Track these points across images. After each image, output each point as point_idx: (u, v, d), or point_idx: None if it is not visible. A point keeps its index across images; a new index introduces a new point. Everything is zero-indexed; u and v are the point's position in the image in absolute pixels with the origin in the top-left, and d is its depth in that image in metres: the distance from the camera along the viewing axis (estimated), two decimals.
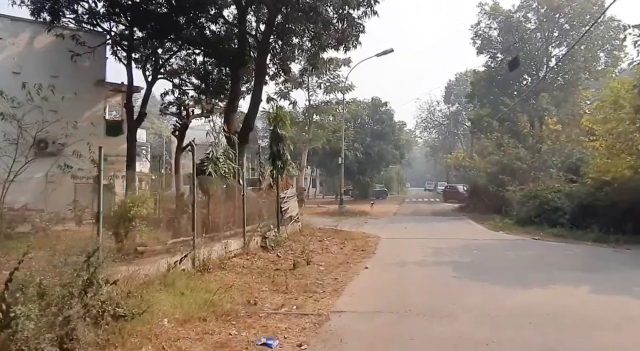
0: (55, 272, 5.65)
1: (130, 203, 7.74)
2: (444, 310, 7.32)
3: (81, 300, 5.12)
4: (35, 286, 4.77)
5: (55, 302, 4.76)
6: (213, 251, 10.48)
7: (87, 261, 5.55)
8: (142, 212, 7.83)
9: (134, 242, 8.12)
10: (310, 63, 21.38)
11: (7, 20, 20.62)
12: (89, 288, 5.58)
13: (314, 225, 19.94)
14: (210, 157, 11.42)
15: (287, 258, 12.43)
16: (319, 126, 38.90)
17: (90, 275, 5.67)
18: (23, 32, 20.96)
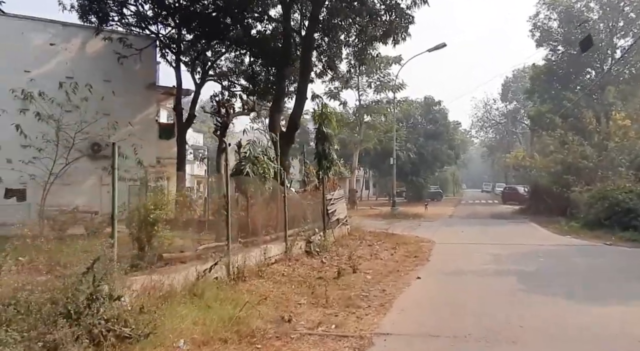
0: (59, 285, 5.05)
1: (151, 206, 7.08)
2: (510, 333, 6.09)
3: (77, 318, 4.42)
4: (24, 304, 4.12)
5: (43, 322, 4.07)
6: (250, 257, 9.72)
7: (87, 273, 4.86)
8: (163, 216, 7.14)
9: (158, 249, 7.46)
10: (358, 59, 20.36)
11: (58, 26, 21.01)
12: (93, 303, 4.89)
13: (364, 228, 18.89)
14: (247, 156, 10.72)
15: (332, 265, 11.49)
16: (370, 126, 37.73)
17: (93, 288, 5.00)
18: (75, 37, 21.31)
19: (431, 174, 52.01)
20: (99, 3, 19.06)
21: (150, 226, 7.13)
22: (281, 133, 17.50)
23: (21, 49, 19.92)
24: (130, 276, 6.73)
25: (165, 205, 7.27)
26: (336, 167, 16.20)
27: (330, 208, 14.81)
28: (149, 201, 7.23)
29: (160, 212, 7.13)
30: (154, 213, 7.04)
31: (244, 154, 10.82)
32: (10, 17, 20.46)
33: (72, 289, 4.85)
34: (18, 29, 20.15)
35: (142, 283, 6.73)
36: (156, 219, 7.08)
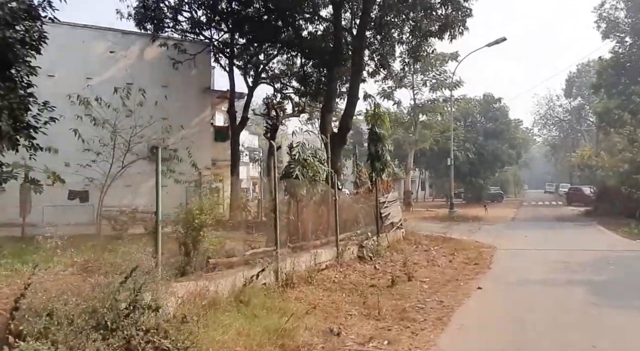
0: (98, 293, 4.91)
1: (197, 211, 6.90)
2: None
3: (115, 329, 4.24)
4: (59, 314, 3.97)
5: (78, 334, 3.90)
6: (300, 262, 9.40)
7: (124, 281, 4.68)
8: (209, 220, 6.94)
9: (205, 253, 7.28)
10: (412, 56, 19.65)
11: (118, 34, 21.80)
12: (132, 313, 4.70)
13: (419, 232, 18.13)
14: (296, 159, 10.41)
15: (385, 272, 10.95)
16: (425, 126, 36.61)
17: (133, 297, 4.82)
18: (133, 44, 22.05)
19: (491, 175, 49.77)
20: (154, 10, 19.56)
21: (195, 231, 6.95)
22: (332, 135, 17.15)
23: (83, 57, 20.82)
24: (175, 282, 6.60)
25: (211, 209, 7.06)
26: (389, 169, 15.60)
27: (384, 212, 14.26)
28: (194, 205, 7.05)
29: (205, 216, 6.92)
30: (199, 218, 6.86)
31: (293, 157, 10.54)
32: (72, 26, 21.47)
33: (109, 298, 4.70)
34: (80, 38, 21.06)
35: (187, 289, 6.56)
36: (202, 224, 6.89)
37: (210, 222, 7.06)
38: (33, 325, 3.67)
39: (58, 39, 20.72)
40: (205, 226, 7.01)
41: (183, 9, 20.79)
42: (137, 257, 5.58)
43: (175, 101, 22.87)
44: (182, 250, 7.19)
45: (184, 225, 7.01)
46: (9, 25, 9.43)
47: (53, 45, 20.61)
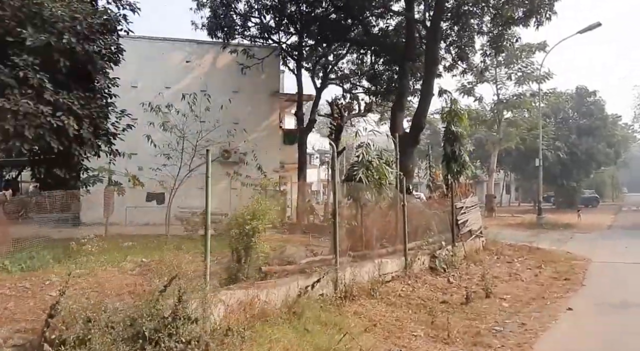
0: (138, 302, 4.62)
1: (248, 216, 6.46)
2: None
3: (154, 340, 3.91)
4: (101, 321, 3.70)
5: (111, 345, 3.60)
6: (362, 273, 8.71)
7: (163, 290, 4.33)
8: (262, 226, 6.48)
9: (258, 260, 6.85)
10: (494, 47, 18.07)
11: (193, 44, 22.57)
12: (171, 324, 4.35)
13: (502, 241, 16.60)
14: (360, 160, 9.73)
15: (460, 286, 9.92)
16: (510, 124, 34.07)
17: (174, 307, 4.46)
18: (207, 53, 22.67)
19: (585, 176, 45.42)
20: (224, 19, 19.83)
21: (247, 236, 6.52)
22: (404, 134, 16.23)
23: (162, 68, 21.77)
24: (225, 289, 6.23)
25: (264, 213, 6.59)
26: (467, 170, 14.36)
27: (461, 218, 13.10)
28: (245, 210, 6.63)
29: (257, 221, 6.48)
30: (249, 223, 6.42)
31: (356, 158, 9.87)
32: (153, 39, 22.54)
33: (149, 306, 4.38)
34: (159, 50, 22.07)
35: (236, 298, 6.16)
36: (253, 229, 6.45)
37: (263, 227, 6.59)
38: (70, 332, 3.41)
39: (140, 52, 22.03)
40: (257, 232, 6.57)
41: (252, 15, 20.93)
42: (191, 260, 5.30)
43: (245, 106, 23.21)
44: (234, 256, 6.82)
45: (235, 230, 6.61)
46: (88, 39, 9.88)
47: (136, 58, 21.87)
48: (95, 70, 10.19)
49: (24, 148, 8.13)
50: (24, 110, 7.64)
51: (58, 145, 8.60)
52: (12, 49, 8.11)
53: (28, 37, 8.05)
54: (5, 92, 7.71)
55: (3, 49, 8.24)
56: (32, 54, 8.12)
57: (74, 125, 8.62)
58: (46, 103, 8.19)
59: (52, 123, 8.19)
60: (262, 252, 6.70)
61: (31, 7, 8.55)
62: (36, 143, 8.43)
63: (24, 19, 8.42)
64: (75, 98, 9.00)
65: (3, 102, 7.56)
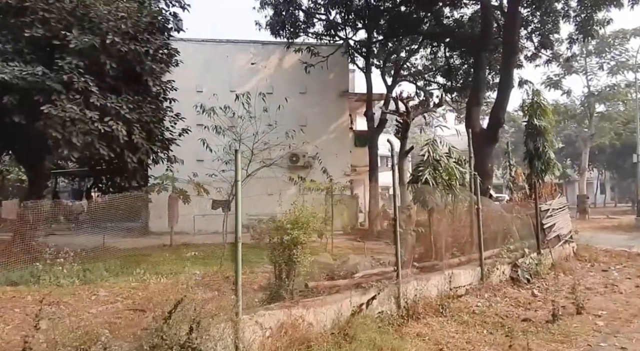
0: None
1: (288, 225, 5.72)
2: None
3: None
4: None
5: None
6: (430, 286, 7.67)
7: (168, 317, 3.69)
8: (303, 237, 5.70)
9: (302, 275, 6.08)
10: (581, 31, 15.97)
11: (258, 45, 22.46)
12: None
13: (596, 246, 14.56)
14: (426, 160, 8.66)
15: (546, 299, 8.52)
16: (604, 118, 30.68)
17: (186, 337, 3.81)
18: (272, 54, 22.48)
19: None
20: (287, 16, 19.42)
21: (287, 249, 5.79)
22: (480, 131, 14.80)
23: (227, 71, 21.85)
24: (264, 309, 5.54)
25: (307, 222, 5.82)
26: (554, 169, 12.66)
27: (547, 222, 11.51)
28: (285, 219, 5.89)
29: (299, 231, 5.72)
30: (290, 234, 5.68)
31: (421, 158, 8.83)
32: (217, 42, 22.74)
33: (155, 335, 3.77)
34: (224, 53, 22.21)
35: (278, 320, 5.45)
36: (294, 241, 5.70)
37: (305, 237, 5.81)
38: None
39: (205, 56, 22.33)
40: (299, 243, 5.81)
41: (317, 12, 20.32)
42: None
43: (312, 107, 22.71)
44: (275, 270, 6.12)
45: (276, 241, 5.91)
46: (135, 39, 9.66)
47: (201, 62, 22.20)
48: (144, 71, 9.95)
49: (73, 156, 8.02)
50: (70, 116, 7.52)
51: (108, 152, 8.42)
52: (59, 52, 8.05)
53: (72, 39, 7.95)
54: (52, 98, 7.65)
55: (50, 53, 8.22)
56: (77, 57, 8.01)
57: (123, 131, 8.39)
58: (94, 108, 8.03)
59: (100, 128, 8.02)
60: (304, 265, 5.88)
61: (79, 9, 8.46)
62: (86, 150, 8.30)
63: (72, 22, 8.36)
64: (124, 102, 8.79)
65: (49, 108, 7.49)
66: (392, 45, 21.77)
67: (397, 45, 21.80)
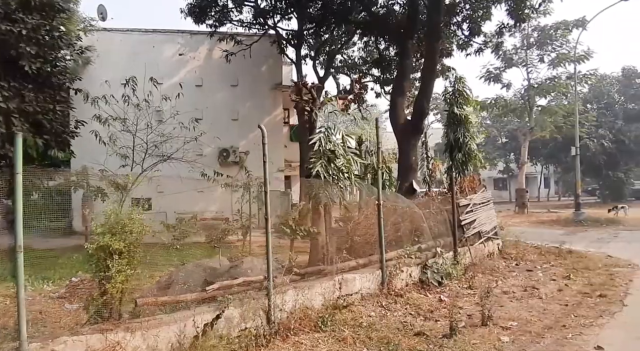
0: None
1: (100, 230, 4.51)
2: None
3: None
4: None
5: None
6: (313, 295, 6.62)
7: None
8: (118, 245, 4.48)
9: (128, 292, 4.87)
10: (513, 16, 15.34)
11: (187, 35, 21.02)
12: None
13: (528, 242, 14.02)
14: (317, 150, 7.62)
15: (455, 305, 7.64)
16: (545, 111, 30.76)
17: None
18: (202, 45, 21.08)
19: (635, 166, 41.06)
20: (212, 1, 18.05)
21: (101, 259, 4.56)
22: (405, 122, 13.97)
23: (154, 62, 20.26)
24: (69, 336, 4.32)
25: (124, 227, 4.61)
26: (476, 161, 11.92)
27: (466, 218, 10.72)
28: (101, 224, 4.65)
29: (112, 238, 4.50)
30: (103, 240, 4.45)
31: (312, 147, 7.77)
32: (143, 32, 21.14)
33: None
34: (149, 43, 20.62)
35: (88, 347, 4.28)
36: (106, 249, 4.48)
37: (123, 245, 4.60)
38: None
39: (131, 46, 20.72)
40: (119, 252, 4.59)
41: None
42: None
43: (245, 100, 21.49)
44: (98, 286, 4.87)
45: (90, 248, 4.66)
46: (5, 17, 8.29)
47: (126, 52, 20.57)
48: (22, 55, 8.52)
49: None
50: None
51: None
52: None
53: None
54: None
55: None
56: None
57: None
58: None
59: None
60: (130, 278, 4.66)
61: None
62: None
63: None
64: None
65: None
66: (325, 36, 20.78)
67: (330, 36, 20.83)
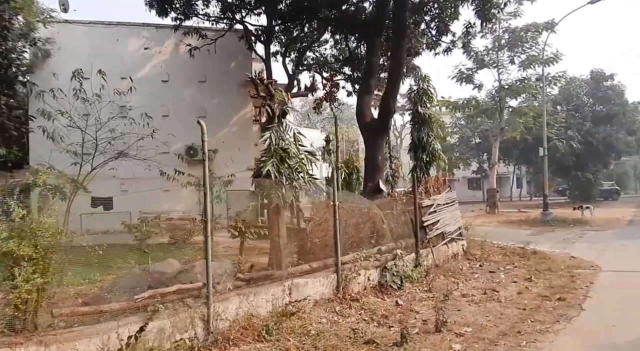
0: None
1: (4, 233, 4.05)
2: None
3: None
4: None
5: None
6: (259, 302, 6.25)
7: None
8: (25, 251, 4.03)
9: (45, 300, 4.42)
10: (480, 15, 15.24)
11: (152, 29, 20.35)
12: None
13: (494, 243, 13.94)
14: (268, 148, 7.25)
15: (411, 310, 7.40)
16: (514, 112, 31.05)
17: None
18: (168, 39, 20.42)
19: (603, 167, 41.83)
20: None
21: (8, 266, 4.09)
22: (371, 121, 13.71)
23: (118, 56, 19.61)
24: None
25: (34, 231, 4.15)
26: (439, 161, 11.72)
27: (429, 219, 10.48)
28: (5, 228, 4.17)
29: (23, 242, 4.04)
30: (6, 245, 3.99)
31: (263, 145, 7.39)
32: (107, 25, 20.39)
33: None
34: (113, 36, 19.96)
35: None
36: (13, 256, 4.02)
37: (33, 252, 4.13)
38: None
39: (94, 39, 19.96)
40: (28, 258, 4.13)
41: None
42: None
43: (213, 97, 20.95)
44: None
45: None
46: None
47: (89, 46, 19.83)
48: None
49: None
50: None
51: None
52: None
53: None
54: None
55: None
56: None
57: None
58: None
59: None
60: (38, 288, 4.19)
61: None
62: None
63: None
64: None
65: None
66: (296, 33, 20.40)
67: (300, 33, 20.45)
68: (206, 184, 5.83)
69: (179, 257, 8.37)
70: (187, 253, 8.82)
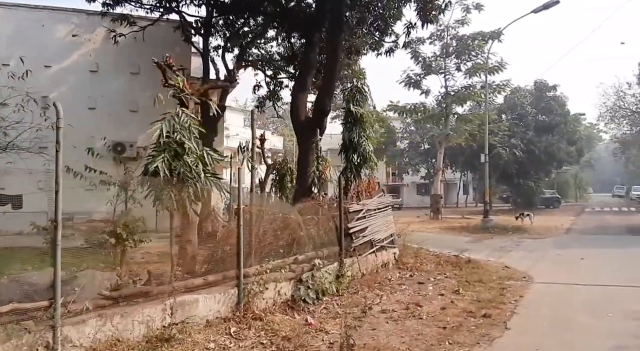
0: None
1: None
2: None
3: None
4: None
5: None
6: (129, 324, 5.19)
7: None
8: None
9: None
10: (421, 17, 14.72)
11: (82, 15, 18.80)
12: None
13: (430, 251, 13.39)
14: (159, 142, 6.23)
15: (321, 329, 6.53)
16: (461, 119, 31.22)
17: None
18: (99, 27, 18.81)
19: (545, 176, 43.01)
20: None
21: None
22: (306, 119, 12.88)
23: (42, 42, 18.01)
24: None
25: None
26: (372, 163, 11.02)
27: (356, 225, 9.71)
28: None
29: None
30: None
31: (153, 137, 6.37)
32: (31, 8, 18.69)
33: None
34: (38, 21, 18.33)
35: None
36: None
37: None
38: None
39: (16, 23, 18.17)
40: None
41: None
42: None
43: (146, 90, 19.52)
44: None
45: None
46: None
47: (10, 30, 18.05)
48: None
49: None
50: None
51: None
52: None
53: None
54: None
55: None
56: None
57: None
58: None
59: None
60: None
61: None
62: None
63: None
64: None
65: None
66: (238, 27, 19.33)
67: (242, 26, 19.41)
68: (59, 180, 4.75)
69: (93, 264, 7.23)
70: (105, 260, 7.65)
